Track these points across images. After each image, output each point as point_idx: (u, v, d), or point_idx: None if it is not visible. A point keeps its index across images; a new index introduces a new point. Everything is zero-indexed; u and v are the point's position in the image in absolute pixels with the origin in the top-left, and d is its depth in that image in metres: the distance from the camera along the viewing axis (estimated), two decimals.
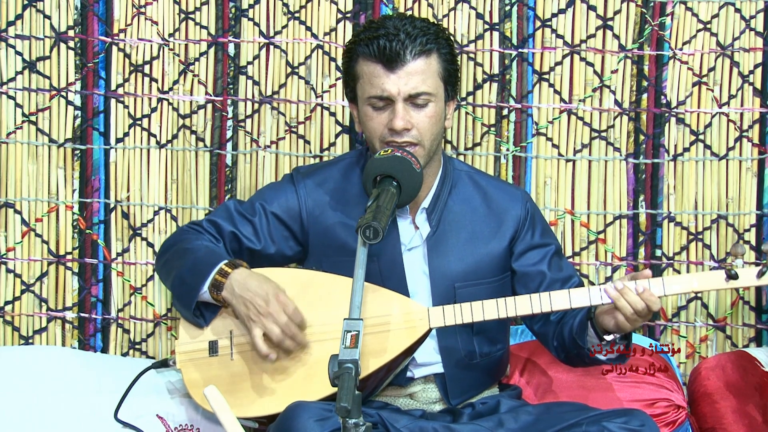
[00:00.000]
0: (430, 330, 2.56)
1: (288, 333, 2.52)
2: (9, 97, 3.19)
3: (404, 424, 2.52)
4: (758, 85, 3.10)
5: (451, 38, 2.67)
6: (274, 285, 2.56)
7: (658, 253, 3.14)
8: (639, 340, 2.97)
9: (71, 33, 3.18)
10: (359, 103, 2.65)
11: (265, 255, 2.73)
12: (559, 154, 3.14)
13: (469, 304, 2.54)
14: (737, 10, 3.08)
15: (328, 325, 2.56)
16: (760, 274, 2.48)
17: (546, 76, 3.13)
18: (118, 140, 3.19)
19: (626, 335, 2.55)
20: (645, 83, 3.11)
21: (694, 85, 3.12)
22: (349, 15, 3.14)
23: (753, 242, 3.12)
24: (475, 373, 2.71)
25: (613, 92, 3.12)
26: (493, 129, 3.14)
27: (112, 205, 3.20)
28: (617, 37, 3.11)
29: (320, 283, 2.62)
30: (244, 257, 2.71)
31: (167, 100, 3.18)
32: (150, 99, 3.19)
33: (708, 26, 3.09)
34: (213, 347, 2.63)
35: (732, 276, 2.48)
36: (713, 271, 2.59)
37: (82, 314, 3.21)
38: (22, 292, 3.21)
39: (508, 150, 3.15)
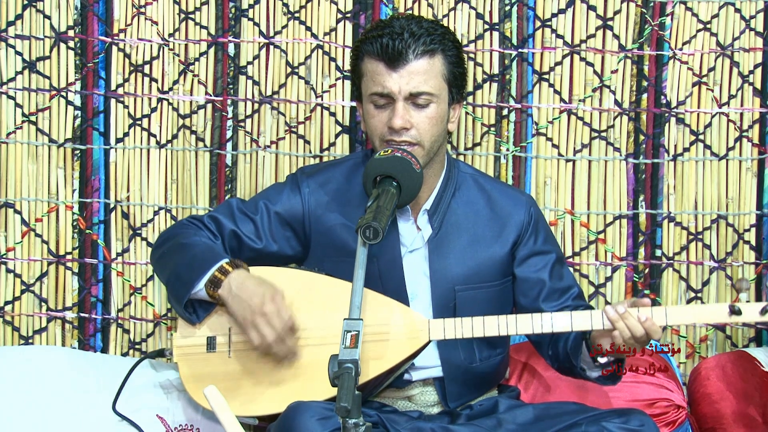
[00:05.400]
0: (429, 342, 2.55)
1: (280, 336, 2.51)
2: (9, 97, 3.19)
3: (402, 424, 2.51)
4: (758, 85, 3.10)
5: (459, 42, 2.66)
6: (271, 287, 2.54)
7: (658, 253, 3.14)
8: None
9: (71, 33, 3.18)
10: (363, 101, 2.65)
11: (265, 254, 2.72)
12: (559, 154, 3.14)
13: (470, 319, 2.52)
14: (737, 10, 3.08)
15: (325, 329, 2.54)
16: (764, 311, 2.45)
17: (546, 76, 3.13)
18: (118, 140, 3.19)
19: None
20: (645, 83, 3.11)
21: (694, 85, 3.12)
22: (349, 15, 3.14)
23: (753, 242, 3.12)
24: (473, 377, 2.69)
25: (613, 92, 3.12)
26: (493, 129, 3.14)
27: (112, 205, 3.20)
28: (617, 37, 3.11)
29: (319, 286, 2.61)
30: (244, 255, 2.70)
31: (167, 100, 3.18)
32: (150, 99, 3.19)
33: (708, 26, 3.09)
34: (211, 343, 2.63)
35: (735, 311, 2.46)
36: (717, 304, 2.57)
37: (82, 314, 3.21)
38: (22, 292, 3.21)
39: (508, 150, 3.15)
